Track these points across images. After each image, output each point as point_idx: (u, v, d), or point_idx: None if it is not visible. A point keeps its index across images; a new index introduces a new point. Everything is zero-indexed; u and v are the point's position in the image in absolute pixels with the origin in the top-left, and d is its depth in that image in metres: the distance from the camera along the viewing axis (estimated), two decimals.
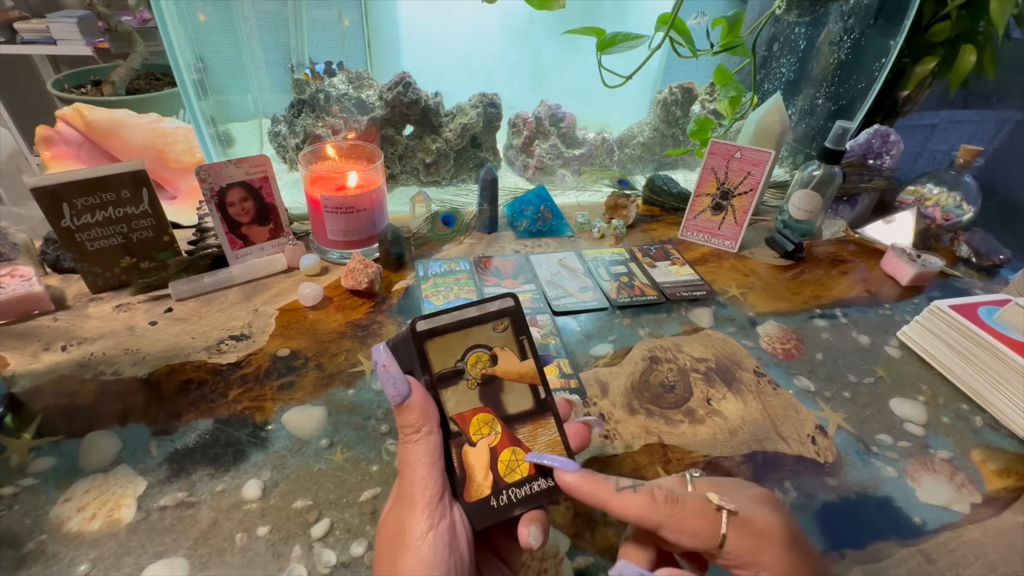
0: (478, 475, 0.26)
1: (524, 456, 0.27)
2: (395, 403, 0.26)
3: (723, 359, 0.58)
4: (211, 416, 0.47)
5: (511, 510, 0.26)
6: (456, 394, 0.27)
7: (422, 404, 0.26)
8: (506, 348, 0.28)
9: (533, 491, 0.26)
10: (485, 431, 0.27)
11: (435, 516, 0.24)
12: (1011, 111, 1.28)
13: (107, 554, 0.37)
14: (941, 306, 0.58)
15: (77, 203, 0.55)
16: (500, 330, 0.28)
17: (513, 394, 0.28)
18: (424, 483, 0.24)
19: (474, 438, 0.27)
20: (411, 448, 0.25)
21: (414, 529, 0.24)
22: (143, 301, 0.60)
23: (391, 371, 0.26)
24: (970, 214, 0.82)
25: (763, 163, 0.72)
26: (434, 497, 0.24)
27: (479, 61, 0.94)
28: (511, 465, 0.27)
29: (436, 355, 0.27)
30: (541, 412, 0.28)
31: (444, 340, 0.27)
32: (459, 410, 0.27)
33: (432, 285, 0.65)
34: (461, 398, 0.27)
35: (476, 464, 0.26)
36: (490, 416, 0.27)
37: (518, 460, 0.27)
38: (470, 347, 0.27)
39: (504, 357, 0.28)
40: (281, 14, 0.87)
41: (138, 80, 1.31)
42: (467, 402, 0.27)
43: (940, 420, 0.53)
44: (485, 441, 0.27)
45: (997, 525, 0.43)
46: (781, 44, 0.96)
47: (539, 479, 0.27)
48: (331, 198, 0.63)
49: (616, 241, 0.78)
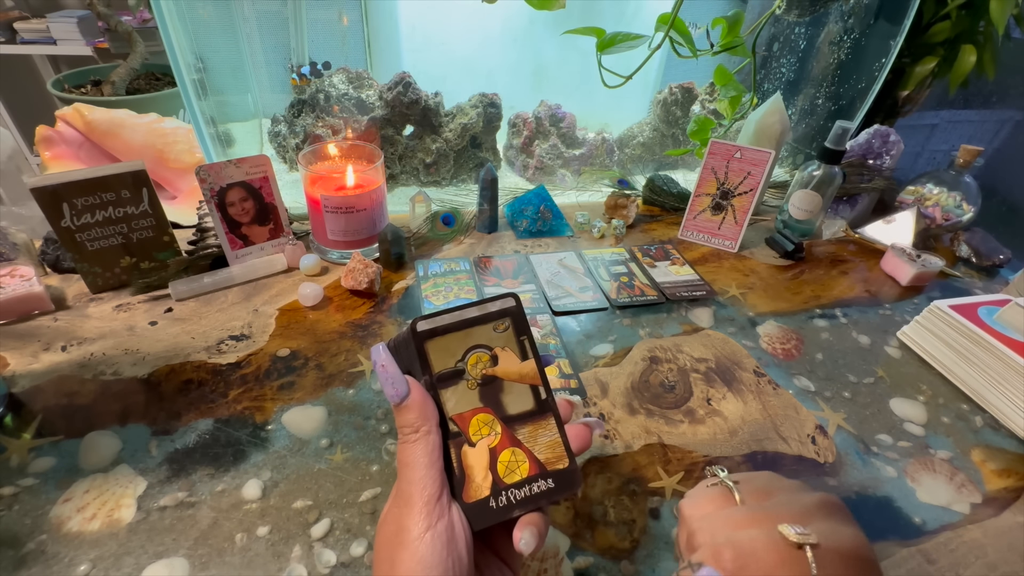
0: (477, 476, 0.26)
1: (524, 457, 0.27)
2: (394, 403, 0.25)
3: (723, 359, 0.58)
4: (211, 416, 0.47)
5: (510, 511, 0.26)
6: (456, 394, 0.27)
7: (421, 404, 0.25)
8: (507, 348, 0.28)
9: (533, 492, 0.26)
10: (485, 431, 0.27)
11: (433, 516, 0.24)
12: (1011, 111, 1.28)
13: (107, 554, 0.37)
14: (941, 306, 0.58)
15: (77, 203, 0.55)
16: (501, 330, 0.28)
17: (513, 394, 0.28)
18: (422, 483, 0.24)
19: (474, 438, 0.26)
20: (409, 448, 0.25)
21: (412, 529, 0.23)
22: (143, 301, 0.60)
23: (390, 371, 0.26)
24: (970, 214, 0.82)
25: (763, 163, 0.72)
26: (432, 497, 0.24)
27: (479, 61, 0.94)
28: (511, 466, 0.27)
29: (436, 355, 0.27)
30: (542, 413, 0.28)
31: (445, 340, 0.27)
32: (459, 410, 0.27)
33: (432, 285, 0.65)
34: (461, 398, 0.27)
35: (475, 464, 0.26)
36: (490, 416, 0.27)
37: (518, 461, 0.27)
38: (470, 347, 0.27)
39: (505, 357, 0.28)
40: (281, 14, 0.87)
41: (138, 80, 1.31)
42: (467, 402, 0.27)
43: (940, 420, 0.53)
44: (485, 442, 0.27)
45: (997, 525, 0.43)
46: (781, 44, 0.96)
47: (539, 480, 0.27)
48: (331, 198, 0.63)
49: (616, 241, 0.78)
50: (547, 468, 0.27)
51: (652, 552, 0.39)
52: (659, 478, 0.45)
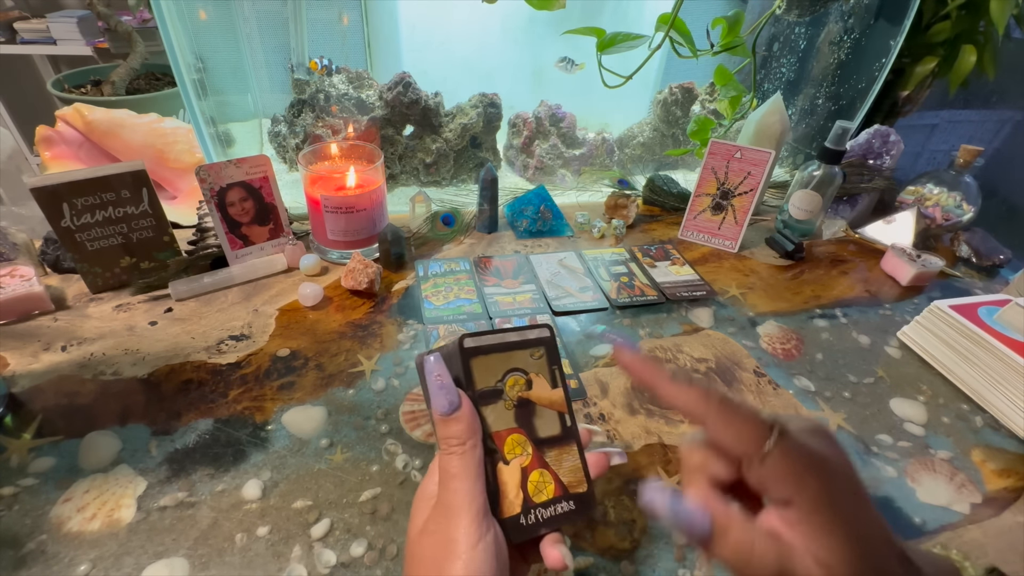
0: (510, 492, 0.27)
1: (550, 478, 0.28)
2: (442, 413, 0.26)
3: (723, 359, 0.58)
4: (211, 416, 0.47)
5: (538, 529, 0.27)
6: (495, 412, 0.28)
7: (471, 417, 0.26)
8: (540, 375, 0.29)
9: (557, 513, 0.28)
10: (518, 451, 0.28)
11: (482, 528, 0.24)
12: (1011, 111, 1.28)
13: (107, 554, 0.37)
14: (941, 306, 0.58)
15: (77, 203, 0.55)
16: (536, 357, 0.29)
17: (543, 419, 0.29)
18: (471, 495, 0.25)
19: (508, 457, 0.28)
20: (457, 460, 0.26)
21: (462, 541, 0.24)
22: (143, 301, 0.60)
23: (445, 382, 0.26)
24: (970, 214, 0.81)
25: (763, 163, 0.72)
26: (481, 510, 0.25)
27: (479, 61, 0.94)
28: (539, 486, 0.28)
29: (479, 373, 0.28)
30: (567, 439, 0.29)
31: (487, 359, 0.28)
32: (496, 428, 0.28)
33: (432, 285, 0.65)
34: (499, 417, 0.28)
35: (509, 481, 0.27)
36: (523, 437, 0.28)
37: (545, 482, 0.28)
38: (509, 369, 0.29)
39: (538, 383, 0.29)
40: (281, 14, 0.87)
41: (138, 80, 1.31)
42: (503, 421, 0.28)
43: (940, 420, 0.53)
44: (517, 461, 0.28)
45: (997, 525, 0.43)
46: (781, 44, 0.96)
47: (562, 502, 0.28)
48: (331, 198, 0.63)
49: (616, 241, 0.78)
50: (569, 491, 0.28)
51: (652, 552, 0.39)
52: (659, 478, 0.45)
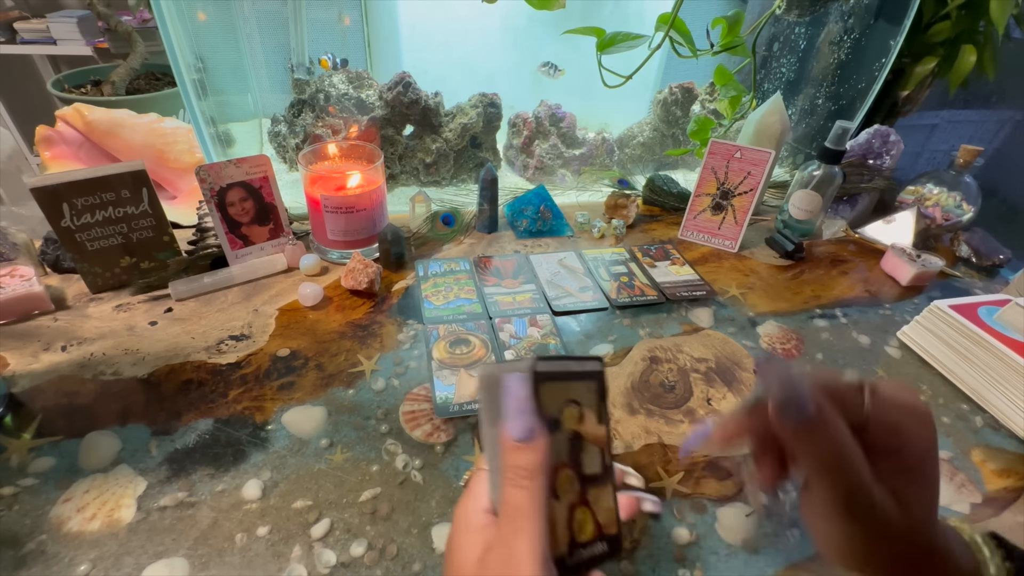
0: (559, 529, 0.25)
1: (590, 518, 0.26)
2: (518, 439, 0.23)
3: (723, 359, 0.58)
4: (211, 416, 0.47)
5: (578, 570, 0.26)
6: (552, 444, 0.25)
7: (547, 449, 0.24)
8: (590, 408, 0.27)
9: (595, 553, 0.26)
10: (567, 487, 0.26)
11: (549, 566, 0.23)
12: (1011, 111, 1.28)
13: (107, 554, 0.37)
14: (941, 306, 0.58)
15: (77, 203, 0.55)
16: (590, 391, 0.27)
17: (589, 455, 0.27)
18: (540, 537, 0.23)
19: (559, 493, 0.26)
20: (525, 496, 0.23)
21: None
22: (143, 301, 0.60)
23: (527, 406, 0.23)
24: (970, 214, 0.81)
25: (763, 163, 0.72)
26: (546, 556, 0.23)
27: (479, 61, 0.94)
28: (581, 524, 0.26)
29: (545, 401, 0.25)
30: (604, 477, 0.27)
31: (552, 387, 0.26)
32: (552, 461, 0.25)
33: (432, 285, 0.65)
34: (555, 449, 0.25)
35: (558, 519, 0.25)
36: (571, 473, 0.26)
37: (586, 521, 0.26)
38: (568, 400, 0.26)
39: (588, 417, 0.27)
40: (281, 14, 0.87)
41: (138, 80, 1.31)
42: (557, 455, 0.25)
43: (940, 420, 0.53)
44: (567, 498, 0.26)
45: (997, 525, 0.43)
46: (781, 44, 0.96)
47: (598, 543, 0.26)
48: (331, 198, 0.63)
49: (616, 241, 0.78)
50: (603, 532, 0.27)
51: (652, 552, 0.39)
52: (659, 478, 0.45)
